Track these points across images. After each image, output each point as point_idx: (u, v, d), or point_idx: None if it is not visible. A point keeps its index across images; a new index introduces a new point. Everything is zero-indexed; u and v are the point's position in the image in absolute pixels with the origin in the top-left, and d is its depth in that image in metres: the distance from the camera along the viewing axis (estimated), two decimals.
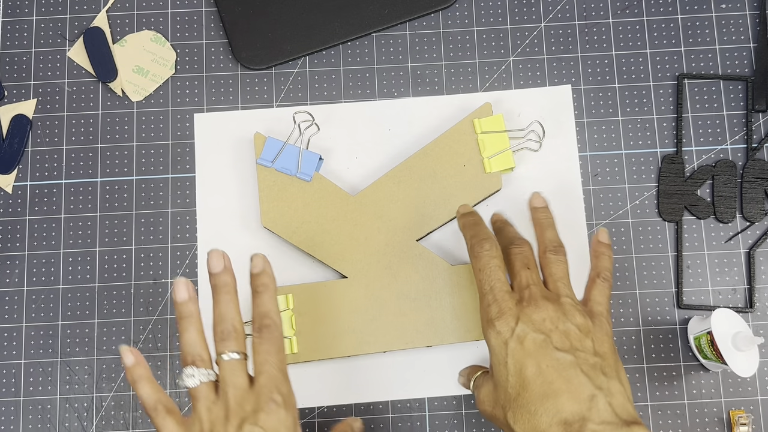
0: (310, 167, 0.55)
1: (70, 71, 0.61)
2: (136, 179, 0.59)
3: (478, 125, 0.56)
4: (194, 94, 0.61)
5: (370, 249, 0.55)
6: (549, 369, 0.39)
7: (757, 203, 0.58)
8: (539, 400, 0.38)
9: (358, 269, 0.54)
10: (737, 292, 0.57)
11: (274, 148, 0.55)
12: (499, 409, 0.41)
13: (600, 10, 0.61)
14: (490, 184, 0.55)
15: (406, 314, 0.53)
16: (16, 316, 0.57)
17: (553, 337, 0.40)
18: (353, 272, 0.54)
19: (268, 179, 0.56)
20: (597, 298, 0.45)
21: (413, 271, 0.54)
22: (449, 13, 0.62)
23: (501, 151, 0.55)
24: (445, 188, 0.55)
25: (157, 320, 0.57)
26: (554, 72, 0.60)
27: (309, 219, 0.55)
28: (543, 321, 0.41)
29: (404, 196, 0.55)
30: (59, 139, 0.60)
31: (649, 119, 0.60)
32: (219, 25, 0.62)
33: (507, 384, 0.40)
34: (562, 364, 0.39)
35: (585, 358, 0.40)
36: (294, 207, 0.55)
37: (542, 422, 0.38)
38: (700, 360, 0.55)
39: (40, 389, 0.56)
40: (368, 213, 0.55)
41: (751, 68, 0.60)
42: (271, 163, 0.55)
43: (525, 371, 0.40)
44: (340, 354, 0.53)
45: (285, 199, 0.55)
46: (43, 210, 0.59)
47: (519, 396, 0.40)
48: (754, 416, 0.55)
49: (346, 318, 0.53)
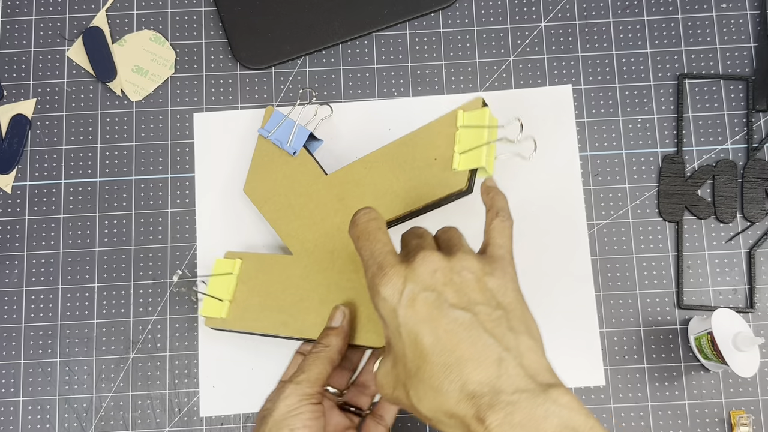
0: (299, 143, 0.55)
1: (70, 71, 0.61)
2: (135, 179, 0.59)
3: (461, 117, 0.48)
4: (194, 93, 0.60)
5: (322, 230, 0.52)
6: (447, 334, 0.33)
7: (758, 203, 0.58)
8: (442, 373, 0.33)
9: (303, 248, 0.52)
10: (738, 293, 0.57)
11: (276, 121, 0.56)
12: (401, 388, 0.36)
13: (600, 10, 0.61)
14: (453, 182, 0.47)
15: (328, 304, 0.49)
16: (15, 316, 0.57)
17: (447, 293, 0.35)
18: (298, 251, 0.53)
19: (262, 149, 0.56)
20: (497, 240, 0.39)
21: (350, 261, 0.50)
22: (449, 12, 0.61)
23: (474, 147, 0.46)
24: (409, 180, 0.49)
25: (156, 320, 0.57)
26: (554, 72, 0.60)
27: (281, 192, 0.55)
28: (434, 273, 0.35)
29: (371, 182, 0.51)
30: (58, 139, 0.60)
31: (650, 119, 0.60)
32: (219, 24, 0.62)
33: (405, 358, 0.35)
34: (461, 324, 0.33)
35: (487, 313, 0.34)
36: (273, 178, 0.55)
37: (449, 399, 0.32)
38: (701, 360, 0.55)
39: (40, 389, 0.56)
40: (332, 194, 0.52)
41: (751, 68, 0.60)
42: (268, 134, 0.56)
43: (421, 340, 0.34)
44: (261, 330, 0.52)
45: (269, 170, 0.55)
46: (42, 210, 0.59)
47: (419, 370, 0.34)
48: (755, 417, 0.55)
49: (277, 295, 0.52)
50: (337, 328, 0.46)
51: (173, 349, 0.56)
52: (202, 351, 0.56)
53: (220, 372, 0.56)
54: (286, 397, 0.41)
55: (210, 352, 0.56)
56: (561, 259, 0.57)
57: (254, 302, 0.52)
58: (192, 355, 0.56)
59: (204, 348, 0.56)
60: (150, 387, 0.56)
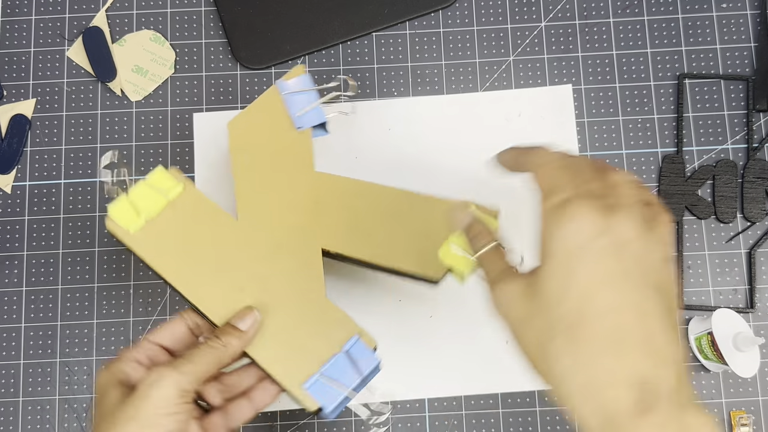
0: (309, 121, 0.49)
1: (69, 71, 0.61)
2: (135, 179, 0.59)
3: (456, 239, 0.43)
4: (194, 93, 0.60)
5: (281, 216, 0.47)
6: (630, 308, 0.28)
7: (758, 203, 0.58)
8: (609, 346, 0.27)
9: (251, 220, 0.47)
10: (738, 293, 0.57)
11: (301, 84, 0.49)
12: (535, 328, 0.30)
13: (600, 10, 0.61)
14: (430, 267, 0.44)
15: (242, 294, 0.44)
16: (15, 316, 0.57)
17: (656, 265, 0.29)
18: (245, 219, 0.47)
19: (267, 101, 0.49)
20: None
21: (295, 267, 0.46)
22: (449, 12, 0.61)
23: (467, 252, 0.42)
24: (391, 235, 0.46)
25: (156, 321, 0.57)
26: (555, 72, 0.60)
27: (262, 152, 0.49)
28: (633, 242, 0.29)
29: (354, 209, 0.47)
30: (58, 138, 0.60)
31: (650, 119, 0.59)
32: (218, 24, 0.62)
33: (560, 304, 0.29)
34: (653, 304, 0.28)
35: (670, 303, 0.29)
36: (261, 135, 0.49)
37: (606, 374, 0.27)
38: (701, 360, 0.55)
39: (39, 389, 0.56)
40: (310, 192, 0.48)
41: (751, 68, 0.60)
42: (285, 92, 0.49)
43: (598, 300, 0.28)
44: (159, 270, 0.45)
45: (262, 125, 0.49)
46: (42, 210, 0.59)
47: (577, 328, 0.28)
48: (755, 417, 0.55)
49: (198, 248, 0.45)
50: (243, 332, 0.40)
51: None
52: None
53: None
54: (163, 387, 0.35)
55: None
56: None
57: (170, 238, 0.45)
58: None
59: None
60: None
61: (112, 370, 0.38)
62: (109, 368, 0.39)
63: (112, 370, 0.38)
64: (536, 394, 0.55)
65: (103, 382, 0.38)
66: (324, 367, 0.41)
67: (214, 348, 0.39)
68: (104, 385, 0.38)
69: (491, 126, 0.59)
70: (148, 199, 0.46)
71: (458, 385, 0.55)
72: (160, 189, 0.46)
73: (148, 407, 0.34)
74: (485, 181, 0.59)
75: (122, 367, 0.38)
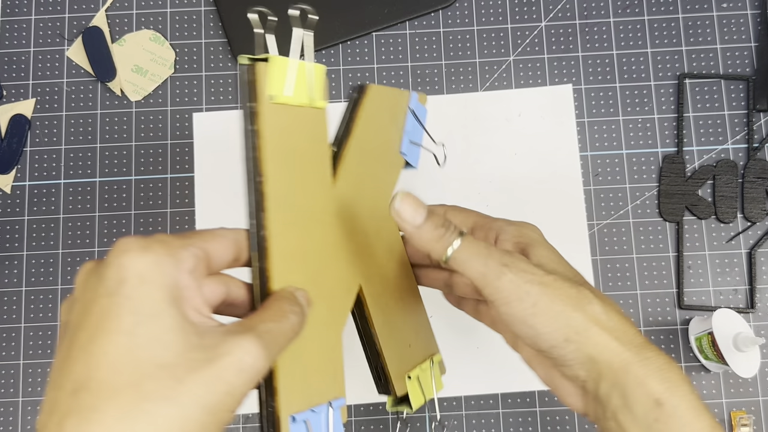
0: (413, 156, 0.42)
1: (69, 71, 0.61)
2: (135, 179, 0.59)
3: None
4: (193, 93, 0.60)
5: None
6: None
7: (759, 203, 0.57)
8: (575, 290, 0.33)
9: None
10: (738, 293, 0.57)
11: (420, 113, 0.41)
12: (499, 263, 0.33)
13: (601, 10, 0.61)
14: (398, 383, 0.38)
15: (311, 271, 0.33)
16: (15, 316, 0.57)
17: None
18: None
19: (378, 104, 0.39)
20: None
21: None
22: (449, 12, 0.61)
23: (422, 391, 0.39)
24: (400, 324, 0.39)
25: None
26: (555, 71, 0.60)
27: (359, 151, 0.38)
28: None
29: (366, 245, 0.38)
30: (58, 138, 0.60)
31: (650, 119, 0.59)
32: (218, 24, 0.61)
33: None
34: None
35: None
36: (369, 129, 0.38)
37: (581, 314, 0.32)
38: (701, 360, 0.55)
39: (39, 390, 0.56)
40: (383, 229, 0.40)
41: (752, 68, 0.60)
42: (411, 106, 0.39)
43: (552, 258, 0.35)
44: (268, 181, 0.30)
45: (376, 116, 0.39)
46: (41, 210, 0.58)
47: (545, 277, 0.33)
48: (756, 417, 0.55)
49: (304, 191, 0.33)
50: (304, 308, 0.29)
51: None
52: None
53: None
54: (245, 366, 0.24)
55: None
56: None
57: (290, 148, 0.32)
58: None
59: None
60: None
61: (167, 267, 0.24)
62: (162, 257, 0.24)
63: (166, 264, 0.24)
64: (536, 394, 0.55)
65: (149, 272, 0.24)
66: (315, 409, 0.33)
67: (296, 315, 0.28)
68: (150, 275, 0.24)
69: (491, 126, 0.59)
70: (298, 84, 0.33)
71: (458, 385, 0.55)
72: (311, 86, 0.34)
73: (223, 386, 0.23)
74: (485, 181, 0.59)
75: (175, 273, 0.24)
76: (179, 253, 0.25)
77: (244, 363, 0.23)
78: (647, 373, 0.29)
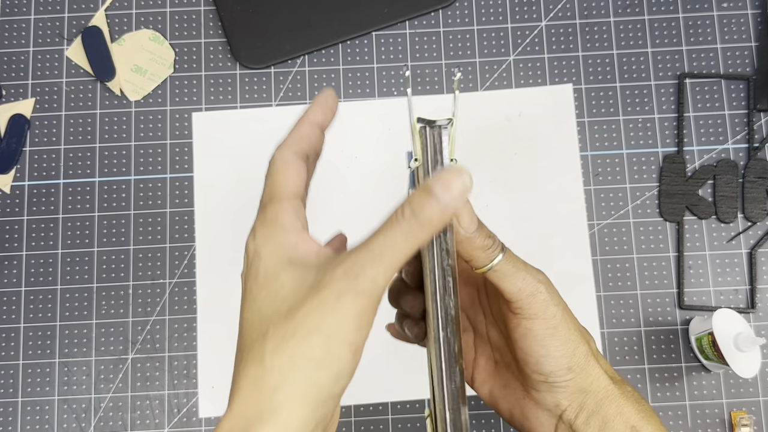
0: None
1: (68, 70, 0.61)
2: (134, 179, 0.59)
3: None
4: (193, 93, 0.60)
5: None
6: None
7: (759, 203, 0.57)
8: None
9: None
10: (739, 293, 0.57)
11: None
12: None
13: (601, 9, 0.61)
14: None
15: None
16: (14, 316, 0.57)
17: None
18: None
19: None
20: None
21: None
22: (449, 11, 0.61)
23: None
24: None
25: (155, 321, 0.57)
26: (555, 71, 0.60)
27: None
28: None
29: None
30: (57, 138, 0.60)
31: (651, 119, 0.59)
32: (218, 24, 0.61)
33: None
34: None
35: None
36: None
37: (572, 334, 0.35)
38: (702, 361, 0.55)
39: (38, 390, 0.56)
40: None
41: (752, 67, 0.60)
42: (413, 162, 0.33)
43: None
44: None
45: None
46: (41, 210, 0.58)
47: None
48: (756, 417, 0.55)
49: None
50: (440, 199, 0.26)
51: (172, 350, 0.56)
52: (202, 351, 0.56)
53: (220, 373, 0.56)
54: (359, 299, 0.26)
55: (209, 353, 0.56)
56: (561, 259, 0.57)
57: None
58: (191, 355, 0.56)
59: (203, 348, 0.56)
60: (149, 388, 0.56)
61: (276, 236, 0.28)
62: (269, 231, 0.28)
63: (274, 235, 0.28)
64: None
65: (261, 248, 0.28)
66: None
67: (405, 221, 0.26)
68: (262, 250, 0.28)
69: (491, 126, 0.59)
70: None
71: None
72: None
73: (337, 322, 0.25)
74: (485, 181, 0.59)
75: (283, 237, 0.28)
76: (282, 219, 0.28)
77: (340, 288, 0.26)
78: (626, 403, 0.32)
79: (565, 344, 0.32)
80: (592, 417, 0.32)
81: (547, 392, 0.33)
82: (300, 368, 0.25)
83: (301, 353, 0.25)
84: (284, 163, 0.29)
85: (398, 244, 0.26)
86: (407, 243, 0.26)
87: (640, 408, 0.33)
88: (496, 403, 0.36)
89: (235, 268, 0.43)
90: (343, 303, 0.25)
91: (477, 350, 0.38)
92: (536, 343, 0.32)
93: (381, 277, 0.26)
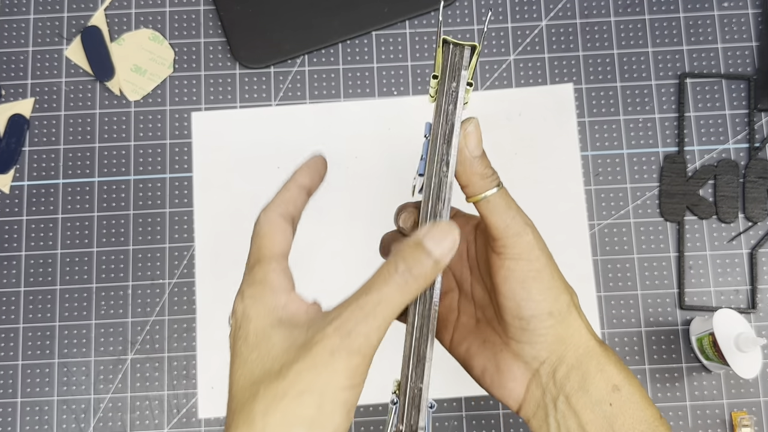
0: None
1: (68, 70, 0.61)
2: (133, 179, 0.59)
3: None
4: (192, 93, 0.60)
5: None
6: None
7: (760, 203, 0.57)
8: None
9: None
10: (740, 293, 0.57)
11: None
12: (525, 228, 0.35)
13: (601, 9, 0.61)
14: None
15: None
16: (13, 317, 0.57)
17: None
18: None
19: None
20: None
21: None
22: (450, 11, 0.61)
23: None
24: None
25: (155, 321, 0.56)
26: (555, 71, 0.60)
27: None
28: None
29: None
30: (56, 138, 0.59)
31: (651, 118, 0.59)
32: (218, 23, 0.61)
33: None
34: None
35: None
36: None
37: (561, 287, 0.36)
38: (702, 361, 0.55)
39: (38, 390, 0.56)
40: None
41: (753, 67, 0.60)
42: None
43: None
44: None
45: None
46: (40, 210, 0.58)
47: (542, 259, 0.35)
48: (757, 418, 0.54)
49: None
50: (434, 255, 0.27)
51: (172, 350, 0.56)
52: (201, 352, 0.56)
53: (219, 373, 0.56)
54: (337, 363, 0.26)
55: (209, 353, 0.56)
56: (561, 259, 0.57)
57: None
58: (190, 356, 0.56)
59: (202, 349, 0.56)
60: (148, 388, 0.55)
61: (265, 298, 0.28)
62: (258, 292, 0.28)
63: (263, 296, 0.28)
64: None
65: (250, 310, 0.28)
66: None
67: (398, 276, 0.27)
68: (251, 312, 0.28)
69: (492, 126, 0.59)
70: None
71: (458, 386, 0.55)
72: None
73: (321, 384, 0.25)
74: None
75: (272, 298, 0.28)
76: (270, 279, 0.28)
77: (333, 345, 0.26)
78: (608, 361, 0.32)
79: (547, 289, 0.32)
80: (572, 371, 0.31)
81: (526, 343, 0.32)
82: (293, 429, 0.24)
83: (293, 413, 0.24)
84: (270, 225, 0.30)
85: (392, 298, 0.27)
86: (402, 297, 0.27)
87: (621, 368, 0.32)
88: (470, 359, 0.35)
89: (234, 268, 0.43)
90: (335, 360, 0.25)
91: (460, 310, 0.37)
92: (518, 285, 0.32)
93: (374, 333, 0.26)
